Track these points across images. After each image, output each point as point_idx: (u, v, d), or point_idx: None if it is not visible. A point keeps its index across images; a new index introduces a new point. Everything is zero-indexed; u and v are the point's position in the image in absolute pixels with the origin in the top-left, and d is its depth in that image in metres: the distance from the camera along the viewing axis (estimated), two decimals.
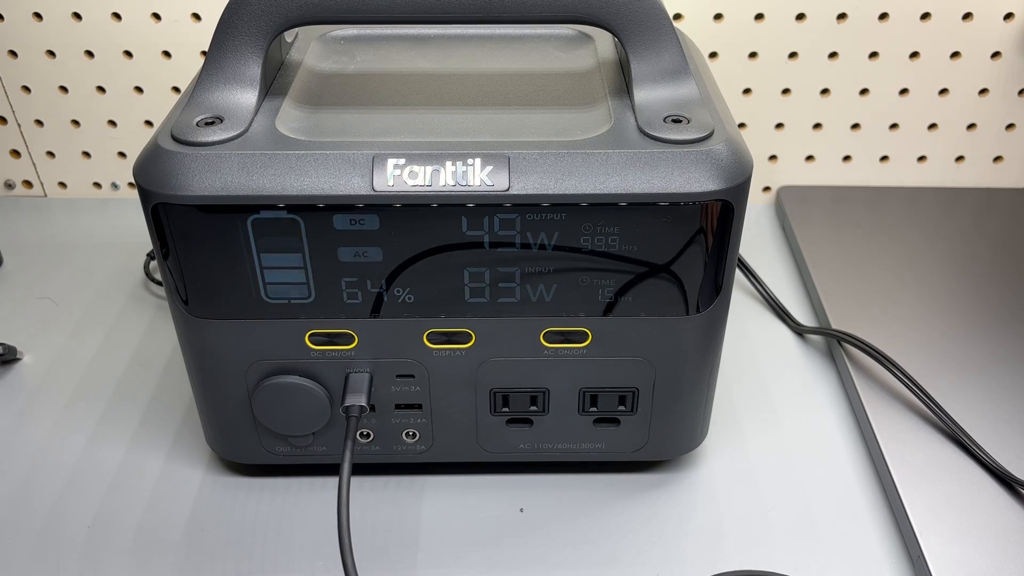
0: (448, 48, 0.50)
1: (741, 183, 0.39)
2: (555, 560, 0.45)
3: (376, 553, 0.46)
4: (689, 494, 0.49)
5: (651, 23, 0.41)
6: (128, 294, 0.65)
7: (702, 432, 0.49)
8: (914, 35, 0.67)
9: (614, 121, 0.41)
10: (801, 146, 0.73)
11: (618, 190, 0.38)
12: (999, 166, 0.73)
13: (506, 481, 0.49)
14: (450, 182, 0.38)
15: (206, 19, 0.67)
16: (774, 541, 0.46)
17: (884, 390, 0.54)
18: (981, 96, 0.70)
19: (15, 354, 0.58)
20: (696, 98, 0.42)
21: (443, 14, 0.40)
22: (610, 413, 0.46)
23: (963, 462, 0.49)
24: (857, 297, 0.61)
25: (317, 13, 0.40)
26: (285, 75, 0.46)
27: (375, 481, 0.49)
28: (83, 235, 0.71)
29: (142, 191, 0.39)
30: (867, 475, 0.50)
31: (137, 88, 0.70)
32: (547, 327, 0.43)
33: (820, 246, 0.67)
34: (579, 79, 0.46)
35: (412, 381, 0.45)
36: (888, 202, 0.72)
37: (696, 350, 0.44)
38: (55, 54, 0.69)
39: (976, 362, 0.56)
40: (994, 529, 0.45)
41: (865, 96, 0.70)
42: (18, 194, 0.77)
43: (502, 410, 0.46)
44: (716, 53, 0.68)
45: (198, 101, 0.42)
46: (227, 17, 0.41)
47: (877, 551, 0.46)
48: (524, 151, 0.39)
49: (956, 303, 0.61)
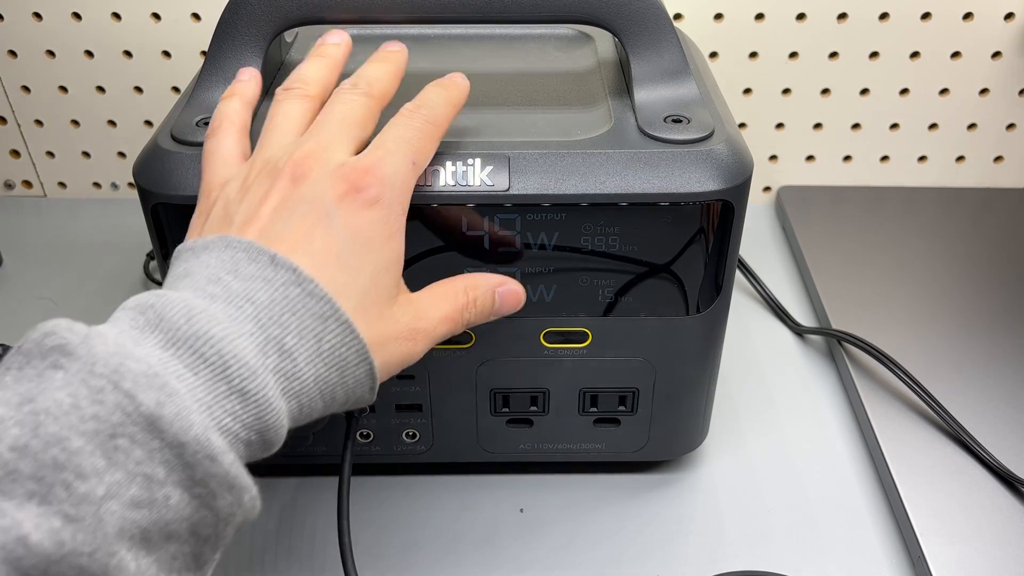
0: (448, 48, 0.50)
1: (741, 183, 0.39)
2: (555, 560, 0.45)
3: (376, 553, 0.45)
4: (689, 494, 0.49)
5: (651, 23, 0.41)
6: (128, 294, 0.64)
7: (702, 432, 0.49)
8: (914, 35, 0.67)
9: (614, 121, 0.41)
10: (801, 146, 0.73)
11: (618, 190, 0.38)
12: (999, 166, 0.73)
13: (506, 481, 0.49)
14: (450, 182, 0.38)
15: (206, 19, 0.67)
16: (774, 541, 0.46)
17: (884, 390, 0.54)
18: (981, 96, 0.70)
19: None
20: (696, 98, 0.42)
21: (443, 14, 0.40)
22: (610, 413, 0.46)
23: (964, 462, 0.49)
24: (857, 297, 0.61)
25: (317, 13, 0.40)
26: (285, 75, 0.46)
27: (375, 481, 0.49)
28: (83, 235, 0.71)
29: (142, 191, 0.39)
30: (867, 475, 0.50)
31: (137, 88, 0.70)
32: (547, 327, 0.43)
33: (820, 246, 0.67)
34: (579, 79, 0.46)
35: (412, 382, 0.45)
36: (888, 202, 0.72)
37: (696, 350, 0.44)
38: (55, 54, 0.69)
39: (976, 362, 0.56)
40: (995, 529, 0.45)
41: (865, 96, 0.70)
42: (18, 194, 0.77)
43: (502, 410, 0.46)
44: (716, 53, 0.68)
45: (198, 101, 0.42)
46: (227, 17, 0.41)
47: (877, 551, 0.46)
48: (524, 151, 0.39)
49: (956, 303, 0.61)
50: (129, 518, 0.25)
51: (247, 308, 0.29)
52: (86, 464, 0.25)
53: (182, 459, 0.26)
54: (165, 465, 0.26)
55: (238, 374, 0.28)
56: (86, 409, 0.25)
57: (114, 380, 0.26)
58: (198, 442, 0.26)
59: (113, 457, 0.25)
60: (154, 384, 0.26)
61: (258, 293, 0.30)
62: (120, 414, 0.26)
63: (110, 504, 0.25)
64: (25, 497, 0.24)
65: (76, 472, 0.25)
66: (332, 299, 0.31)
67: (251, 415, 0.28)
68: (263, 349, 0.29)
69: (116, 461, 0.25)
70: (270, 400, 0.29)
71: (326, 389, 0.31)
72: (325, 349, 0.31)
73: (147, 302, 0.29)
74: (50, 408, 0.25)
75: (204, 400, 0.27)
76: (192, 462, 0.26)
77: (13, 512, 0.24)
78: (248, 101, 0.39)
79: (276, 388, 0.29)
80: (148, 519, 0.26)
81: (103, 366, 0.26)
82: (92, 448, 0.25)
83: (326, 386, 0.31)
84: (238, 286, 0.30)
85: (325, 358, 0.31)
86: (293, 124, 0.36)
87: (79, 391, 0.26)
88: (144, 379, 0.26)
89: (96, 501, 0.25)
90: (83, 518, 0.25)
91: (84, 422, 0.25)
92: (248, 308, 0.29)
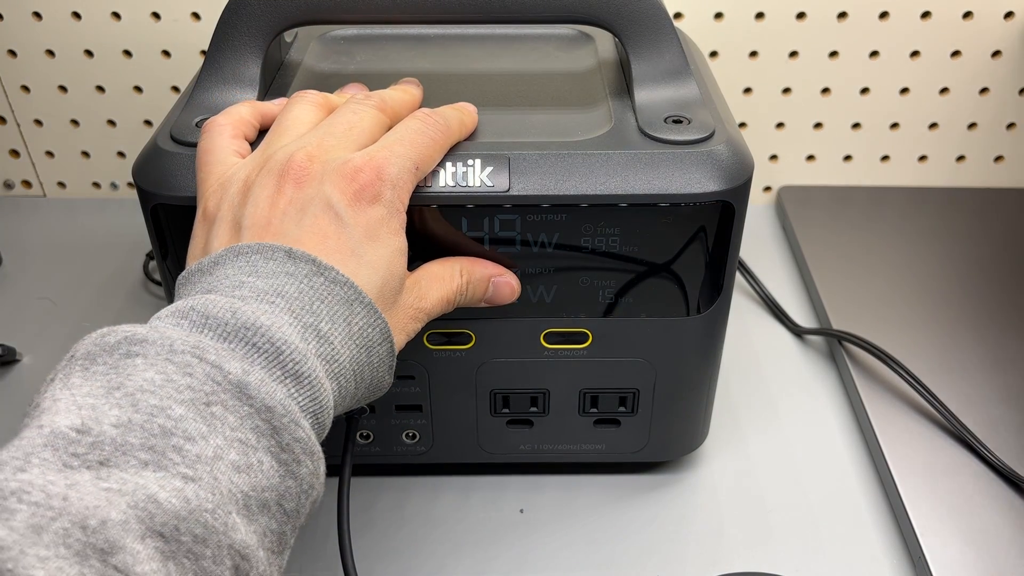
0: (448, 48, 0.50)
1: (742, 184, 0.39)
2: (555, 561, 0.45)
3: (376, 553, 0.45)
4: (690, 495, 0.49)
5: (651, 23, 0.41)
6: (127, 294, 0.65)
7: (702, 433, 0.49)
8: (915, 34, 0.67)
9: (615, 121, 0.41)
10: (802, 146, 0.73)
11: (619, 191, 0.38)
12: (1000, 165, 0.73)
13: (506, 482, 0.49)
14: (450, 183, 0.38)
15: (206, 19, 0.67)
16: (775, 542, 0.46)
17: (885, 390, 0.53)
18: (982, 95, 0.70)
19: (15, 355, 0.58)
20: (697, 98, 0.42)
21: (443, 14, 0.40)
22: (610, 414, 0.46)
23: (965, 461, 0.49)
24: (858, 297, 0.61)
25: (317, 13, 0.40)
26: (284, 75, 0.46)
27: (375, 481, 0.49)
28: (82, 235, 0.71)
29: (141, 191, 0.39)
30: (868, 475, 0.50)
31: (136, 88, 0.70)
32: (547, 328, 0.43)
33: (821, 246, 0.67)
34: (579, 79, 0.46)
35: (412, 382, 0.45)
36: (889, 202, 0.72)
37: (697, 351, 0.44)
38: (54, 54, 0.69)
39: (977, 361, 0.55)
40: (997, 529, 0.45)
41: (866, 95, 0.70)
42: (17, 194, 0.77)
43: (502, 411, 0.46)
44: (716, 52, 0.68)
45: (197, 101, 0.42)
46: (227, 17, 0.41)
47: (878, 551, 0.46)
48: (524, 152, 0.39)
49: (957, 303, 0.61)
50: (234, 482, 0.26)
51: (279, 302, 0.30)
52: (192, 429, 0.26)
53: (270, 424, 0.27)
54: (255, 431, 0.27)
55: (291, 358, 0.29)
56: (179, 381, 0.26)
57: (197, 355, 0.27)
58: (283, 406, 0.28)
59: (212, 423, 0.26)
60: (235, 357, 0.28)
61: (285, 287, 0.30)
62: (211, 383, 0.27)
63: (219, 465, 0.26)
64: (140, 466, 0.25)
65: (184, 436, 0.26)
66: (354, 283, 0.32)
67: (307, 397, 0.29)
68: (303, 336, 0.30)
69: (215, 427, 0.26)
70: (322, 382, 0.30)
71: (358, 370, 0.32)
72: (355, 331, 0.32)
73: (185, 306, 0.29)
74: (143, 386, 0.26)
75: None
76: (279, 426, 0.27)
77: (133, 479, 0.24)
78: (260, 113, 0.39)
79: (323, 371, 0.30)
80: (248, 484, 0.27)
81: (182, 344, 0.27)
82: (193, 415, 0.26)
83: (358, 367, 0.32)
84: (264, 284, 0.30)
85: (356, 339, 0.32)
86: (301, 127, 0.36)
87: (167, 368, 0.27)
88: (226, 352, 0.27)
89: (208, 461, 0.26)
90: (201, 477, 0.25)
91: (180, 392, 0.26)
92: (280, 302, 0.30)
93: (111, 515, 0.23)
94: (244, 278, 0.31)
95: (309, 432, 0.28)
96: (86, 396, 0.26)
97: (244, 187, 0.34)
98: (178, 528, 0.24)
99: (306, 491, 0.29)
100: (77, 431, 0.25)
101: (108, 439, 0.25)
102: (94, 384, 0.26)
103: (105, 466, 0.24)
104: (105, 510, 0.23)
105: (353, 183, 0.33)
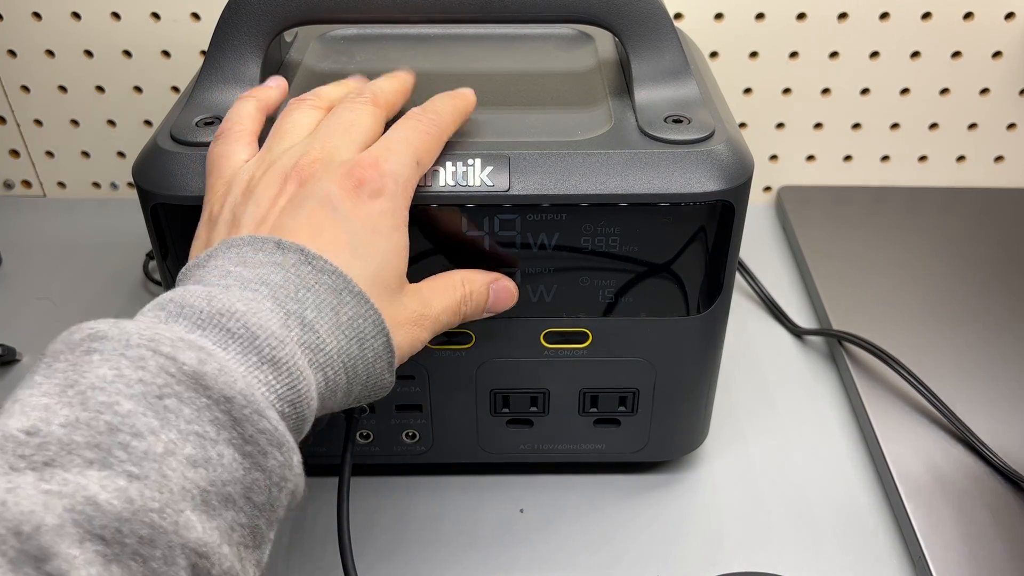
0: (448, 48, 0.50)
1: (742, 184, 0.39)
2: (555, 561, 0.45)
3: (376, 553, 0.45)
4: (690, 495, 0.49)
5: (651, 23, 0.41)
6: (127, 294, 0.65)
7: (702, 433, 0.49)
8: (915, 35, 0.67)
9: (615, 121, 0.41)
10: (802, 146, 0.73)
11: (619, 190, 0.38)
12: (1000, 166, 0.73)
13: (506, 481, 0.49)
14: (450, 182, 0.38)
15: (206, 19, 0.67)
16: (775, 542, 0.46)
17: (885, 389, 0.53)
18: (982, 96, 0.70)
19: (15, 355, 0.58)
20: (697, 98, 0.42)
21: (443, 14, 0.40)
22: (610, 414, 0.46)
23: (966, 460, 0.49)
24: (858, 297, 0.61)
25: (317, 13, 0.40)
26: (285, 75, 0.46)
27: (375, 481, 0.49)
28: (82, 235, 0.71)
29: (141, 191, 0.39)
30: (868, 475, 0.50)
31: (136, 88, 0.70)
32: (547, 328, 0.43)
33: (821, 246, 0.67)
34: (579, 79, 0.46)
35: (412, 382, 0.45)
36: (889, 202, 0.72)
37: (696, 351, 0.44)
38: (54, 54, 0.69)
39: (977, 361, 0.55)
40: (997, 529, 0.45)
41: (866, 96, 0.70)
42: (17, 194, 0.77)
43: (502, 411, 0.46)
44: (716, 53, 0.68)
45: (197, 101, 0.42)
46: (227, 17, 0.41)
47: (878, 551, 0.46)
48: (524, 151, 0.39)
49: (957, 303, 0.61)
50: (189, 477, 0.25)
51: (262, 290, 0.30)
52: (140, 424, 0.25)
53: (230, 415, 0.26)
54: (215, 423, 0.26)
55: (267, 343, 0.28)
56: (130, 375, 0.26)
57: (152, 347, 0.26)
58: (244, 396, 0.27)
59: (164, 417, 0.26)
60: (192, 346, 0.27)
61: (271, 276, 0.30)
62: (164, 375, 0.26)
63: (170, 461, 0.25)
64: (84, 465, 0.24)
65: (132, 432, 0.25)
66: (342, 272, 0.31)
67: (283, 384, 0.28)
68: (285, 323, 0.29)
69: (168, 421, 0.26)
70: (300, 368, 0.29)
71: (348, 362, 0.31)
72: (344, 321, 0.31)
73: (165, 299, 0.29)
74: (94, 383, 0.25)
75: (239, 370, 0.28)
76: (240, 418, 0.27)
77: (75, 479, 0.24)
78: (265, 106, 0.39)
79: (303, 358, 0.29)
80: (206, 479, 0.26)
81: (138, 338, 0.26)
82: (143, 409, 0.25)
83: (348, 359, 0.31)
84: (249, 273, 0.30)
85: (344, 330, 0.31)
86: (301, 131, 0.36)
87: (120, 363, 0.26)
88: (181, 343, 0.27)
89: (157, 458, 0.25)
90: (147, 475, 0.25)
91: (130, 386, 0.25)
92: (263, 290, 0.30)
93: (46, 520, 0.23)
94: (231, 267, 0.30)
95: (276, 423, 0.27)
96: (42, 396, 0.25)
97: (247, 188, 0.34)
98: (120, 530, 0.24)
99: (277, 483, 0.28)
100: (27, 432, 0.24)
101: (55, 439, 0.24)
102: (52, 383, 0.26)
103: (49, 467, 0.24)
104: (40, 515, 0.23)
105: (353, 178, 0.33)
